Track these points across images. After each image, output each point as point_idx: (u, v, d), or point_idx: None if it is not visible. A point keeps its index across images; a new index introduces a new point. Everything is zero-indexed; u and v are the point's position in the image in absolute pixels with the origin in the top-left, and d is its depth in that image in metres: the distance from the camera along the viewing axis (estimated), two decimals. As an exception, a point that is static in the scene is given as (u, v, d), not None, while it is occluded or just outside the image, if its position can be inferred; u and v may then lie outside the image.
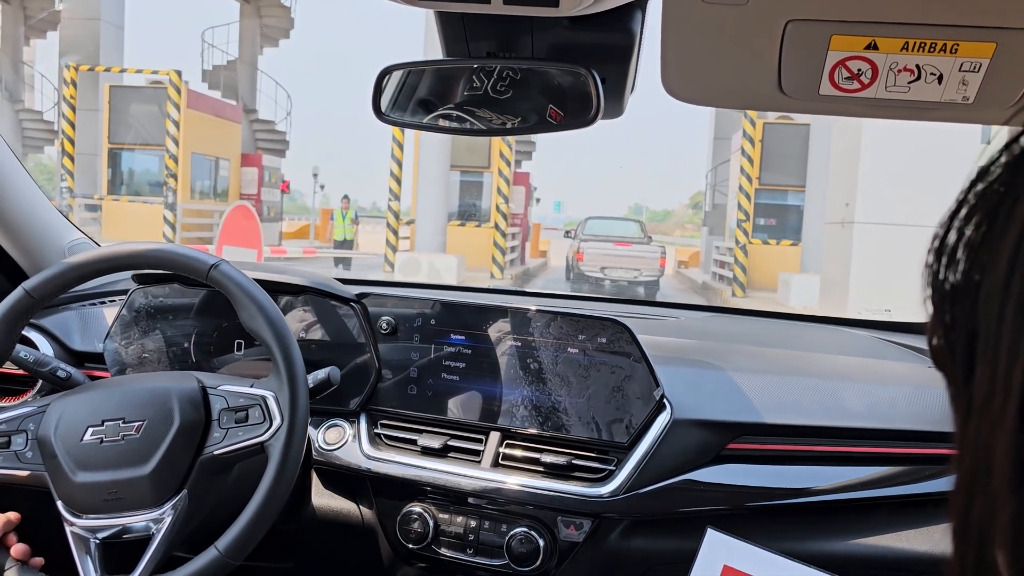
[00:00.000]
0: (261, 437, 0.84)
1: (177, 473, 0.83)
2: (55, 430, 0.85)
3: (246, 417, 0.85)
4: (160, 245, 0.91)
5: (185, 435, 0.84)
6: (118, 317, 1.13)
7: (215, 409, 0.86)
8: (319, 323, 1.11)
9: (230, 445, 0.85)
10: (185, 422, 0.84)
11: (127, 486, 0.82)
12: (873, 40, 0.56)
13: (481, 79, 0.78)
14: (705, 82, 0.65)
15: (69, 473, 0.82)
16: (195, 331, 1.13)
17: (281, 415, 0.84)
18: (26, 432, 0.87)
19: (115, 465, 0.82)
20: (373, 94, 0.80)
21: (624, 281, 11.61)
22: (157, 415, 0.84)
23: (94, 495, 0.82)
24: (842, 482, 0.94)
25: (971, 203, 0.25)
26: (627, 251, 11.93)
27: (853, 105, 0.62)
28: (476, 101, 0.78)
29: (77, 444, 0.83)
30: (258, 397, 0.86)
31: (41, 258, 1.20)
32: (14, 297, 0.89)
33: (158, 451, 0.82)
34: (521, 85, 0.78)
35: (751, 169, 10.47)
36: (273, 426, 0.84)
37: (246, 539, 0.81)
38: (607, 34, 0.71)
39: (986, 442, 0.22)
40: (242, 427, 0.85)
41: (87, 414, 0.85)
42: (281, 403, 0.85)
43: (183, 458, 0.84)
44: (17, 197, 1.14)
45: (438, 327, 1.06)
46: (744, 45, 0.58)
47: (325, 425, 1.08)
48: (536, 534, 0.97)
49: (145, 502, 0.82)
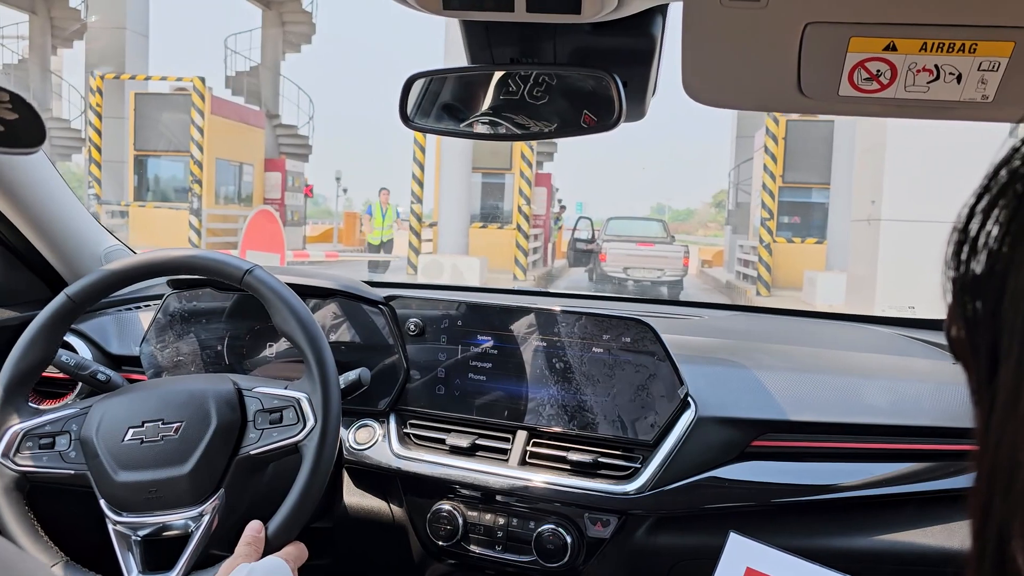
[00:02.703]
0: (295, 437, 0.86)
1: (214, 472, 0.86)
2: (97, 431, 0.88)
3: (280, 418, 0.88)
4: (196, 252, 0.94)
5: (222, 436, 0.87)
6: (153, 321, 1.16)
7: (250, 410, 0.89)
8: (348, 325, 1.14)
9: (265, 445, 0.87)
10: (222, 423, 0.87)
11: (167, 485, 0.85)
12: (892, 41, 0.57)
13: (517, 84, 0.80)
14: (725, 85, 0.66)
15: (111, 472, 0.85)
16: (228, 334, 1.17)
17: (315, 416, 0.87)
18: (69, 433, 0.90)
19: (155, 465, 0.85)
20: (400, 101, 0.82)
21: (647, 281, 11.55)
22: (195, 416, 0.87)
23: (135, 493, 0.85)
24: (866, 478, 0.95)
25: (993, 192, 0.24)
26: (650, 251, 11.87)
27: (872, 105, 0.63)
28: (504, 105, 0.80)
29: (118, 444, 0.86)
30: (292, 399, 0.88)
31: (79, 265, 1.23)
32: (57, 302, 0.93)
33: (196, 451, 0.85)
34: (547, 90, 0.79)
35: (775, 167, 10.36)
36: (307, 427, 0.86)
37: (282, 536, 0.83)
38: (628, 39, 0.72)
39: (1010, 440, 0.22)
40: (276, 428, 0.88)
41: (127, 415, 0.88)
42: (314, 404, 0.87)
43: (220, 458, 0.86)
44: (56, 206, 1.18)
45: (465, 328, 1.09)
46: (763, 48, 0.59)
47: (356, 425, 1.10)
48: (563, 531, 0.98)
49: (184, 500, 0.85)
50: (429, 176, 10.78)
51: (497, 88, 0.80)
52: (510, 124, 0.81)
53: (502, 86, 0.80)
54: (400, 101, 0.82)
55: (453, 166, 10.49)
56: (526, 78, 0.79)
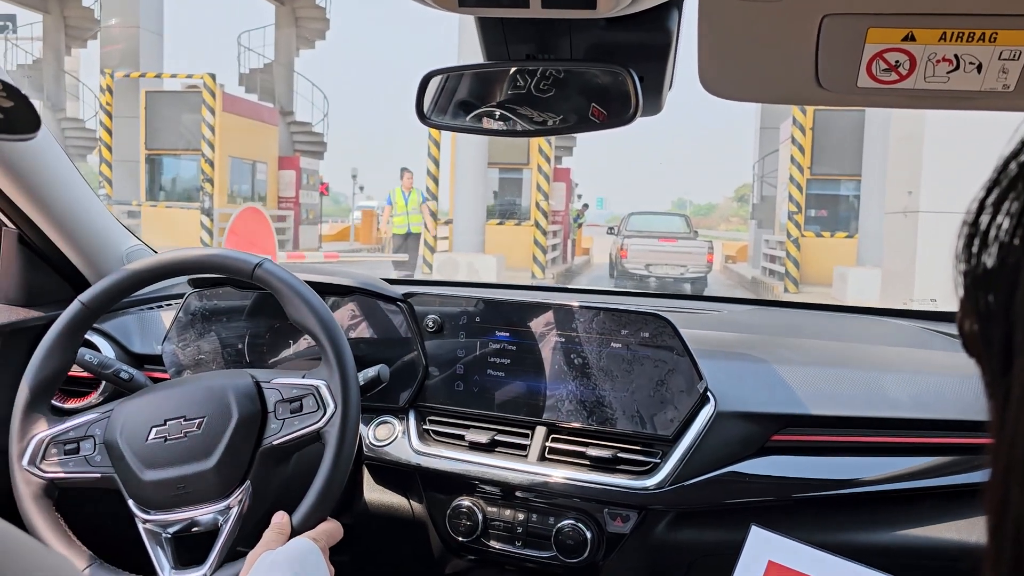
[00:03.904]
0: (317, 424, 0.89)
1: (240, 465, 0.89)
2: (120, 433, 0.91)
3: (300, 407, 0.91)
4: (204, 250, 0.97)
5: (244, 428, 0.90)
6: (175, 320, 1.20)
7: (270, 401, 0.92)
8: (367, 323, 1.17)
9: (288, 434, 0.90)
10: (243, 415, 0.90)
11: (194, 480, 0.88)
12: (910, 31, 0.58)
13: (524, 79, 0.81)
14: (742, 78, 0.67)
15: (138, 472, 0.88)
16: (248, 332, 1.20)
17: (334, 401, 0.89)
18: (93, 437, 0.93)
19: (181, 461, 0.88)
20: (417, 98, 0.84)
21: (670, 278, 11.49)
22: (216, 411, 0.90)
23: (163, 491, 0.88)
24: (888, 473, 0.96)
25: (1003, 185, 0.24)
26: (672, 247, 11.80)
27: (892, 97, 0.63)
28: (519, 101, 0.82)
29: (143, 444, 0.89)
30: (310, 387, 0.91)
31: (102, 265, 1.26)
32: (72, 310, 0.96)
33: (220, 445, 0.88)
34: (562, 85, 0.81)
35: (802, 158, 10.26)
36: (327, 413, 0.89)
37: (309, 524, 0.86)
38: (644, 33, 0.73)
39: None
40: (297, 416, 0.91)
41: (149, 415, 0.91)
42: (333, 390, 0.89)
43: (244, 450, 0.89)
44: (79, 207, 1.21)
45: (483, 324, 1.11)
46: (780, 40, 0.60)
47: (375, 422, 1.13)
48: (583, 526, 1.00)
49: (211, 494, 0.88)
50: (444, 173, 10.82)
51: (513, 84, 0.82)
52: (527, 120, 0.82)
53: (518, 82, 0.81)
54: (417, 98, 0.84)
55: (468, 162, 10.46)
56: (543, 74, 0.80)
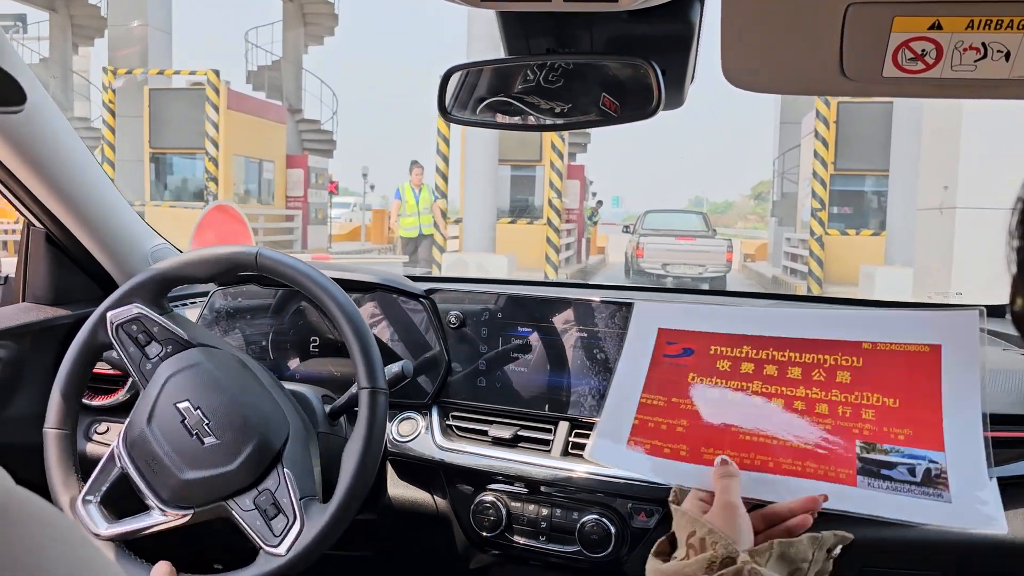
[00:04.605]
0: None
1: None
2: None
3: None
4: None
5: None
6: (200, 318, 1.24)
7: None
8: (390, 319, 1.20)
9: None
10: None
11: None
12: (937, 20, 0.58)
13: (545, 73, 0.83)
14: (766, 70, 0.68)
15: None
16: (272, 330, 1.24)
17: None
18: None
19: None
20: (438, 94, 0.86)
21: (688, 278, 11.45)
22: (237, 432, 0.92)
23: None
24: None
25: None
26: (690, 245, 11.75)
27: (918, 86, 0.64)
28: (546, 96, 0.83)
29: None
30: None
31: (128, 264, 1.30)
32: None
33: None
34: (582, 78, 0.82)
35: (826, 153, 10.15)
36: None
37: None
38: (666, 25, 0.74)
39: None
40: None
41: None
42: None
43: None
44: (105, 207, 1.24)
45: (505, 320, 1.14)
46: (804, 31, 0.61)
47: (399, 418, 1.16)
48: (607, 521, 1.02)
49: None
50: (455, 170, 10.80)
51: (534, 78, 0.83)
52: (548, 114, 0.84)
53: (539, 76, 0.83)
54: (439, 94, 0.86)
55: (478, 158, 10.38)
56: (564, 68, 0.82)
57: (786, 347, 0.82)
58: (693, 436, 0.81)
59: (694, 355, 0.86)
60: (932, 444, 0.71)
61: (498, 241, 10.69)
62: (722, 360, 0.84)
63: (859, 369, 0.78)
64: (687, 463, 0.79)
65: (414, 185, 9.09)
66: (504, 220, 11.64)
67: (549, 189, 10.76)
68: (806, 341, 0.82)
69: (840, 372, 0.79)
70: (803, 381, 0.80)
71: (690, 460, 0.79)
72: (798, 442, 0.76)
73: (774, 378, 0.81)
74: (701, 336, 0.87)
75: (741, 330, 0.85)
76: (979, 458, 0.70)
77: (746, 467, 0.77)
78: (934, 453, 0.71)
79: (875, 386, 0.77)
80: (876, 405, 0.75)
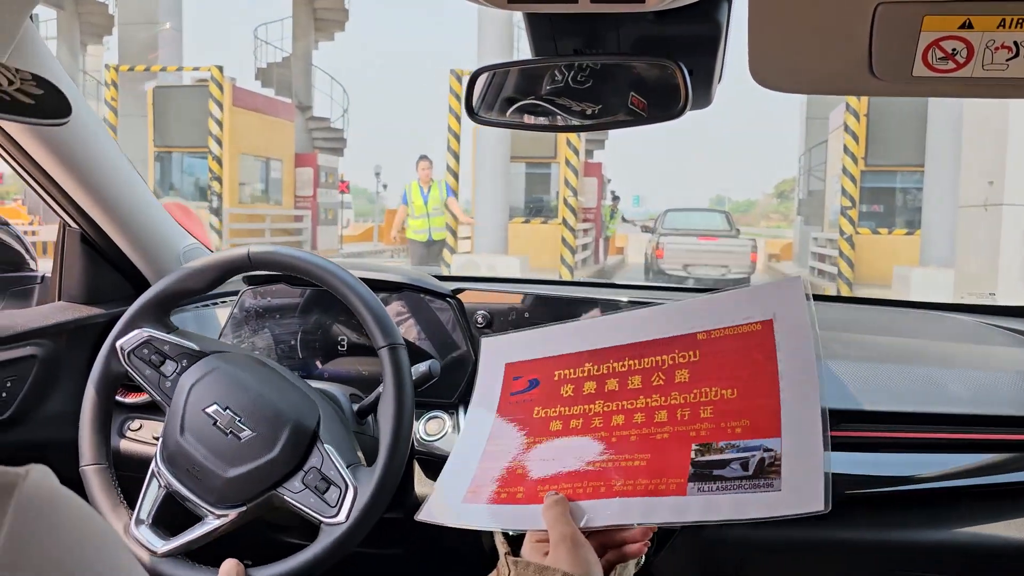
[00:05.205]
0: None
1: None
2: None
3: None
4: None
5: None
6: (230, 317, 1.29)
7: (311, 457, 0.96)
8: (417, 319, 1.24)
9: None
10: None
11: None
12: (968, 19, 0.59)
13: (572, 74, 0.84)
14: (794, 70, 0.69)
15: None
16: (301, 329, 1.28)
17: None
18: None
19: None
20: (465, 95, 0.88)
21: (710, 279, 11.18)
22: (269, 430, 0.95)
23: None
24: (946, 470, 0.98)
25: None
26: (713, 245, 11.51)
27: (949, 86, 0.65)
28: (573, 97, 0.84)
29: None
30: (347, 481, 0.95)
31: (160, 263, 1.33)
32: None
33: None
34: (610, 79, 0.84)
35: (856, 148, 9.84)
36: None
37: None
38: (693, 26, 0.75)
39: None
40: None
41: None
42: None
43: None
44: (138, 207, 1.28)
45: (532, 319, 1.19)
46: (833, 30, 0.62)
47: (426, 417, 1.17)
48: (634, 523, 1.04)
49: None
50: (467, 168, 10.57)
51: (561, 79, 0.85)
52: (575, 115, 0.85)
53: (566, 77, 0.84)
54: (466, 95, 0.88)
55: (489, 155, 10.21)
56: (591, 69, 0.83)
57: (625, 355, 0.82)
58: (531, 476, 0.79)
59: (539, 387, 0.85)
60: (769, 431, 0.70)
61: (510, 242, 10.53)
62: (566, 385, 0.83)
63: (696, 364, 0.77)
64: (524, 504, 0.77)
65: (422, 182, 8.20)
66: (517, 220, 11.44)
67: (565, 187, 10.49)
68: (644, 344, 0.81)
69: (679, 371, 0.78)
70: (643, 390, 0.79)
71: (527, 501, 0.76)
72: (632, 461, 0.74)
73: (616, 393, 0.80)
74: (546, 363, 0.86)
75: (582, 347, 0.85)
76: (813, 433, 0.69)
77: (579, 496, 0.74)
78: (770, 440, 0.69)
79: (713, 379, 0.76)
80: (714, 400, 0.74)
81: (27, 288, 1.33)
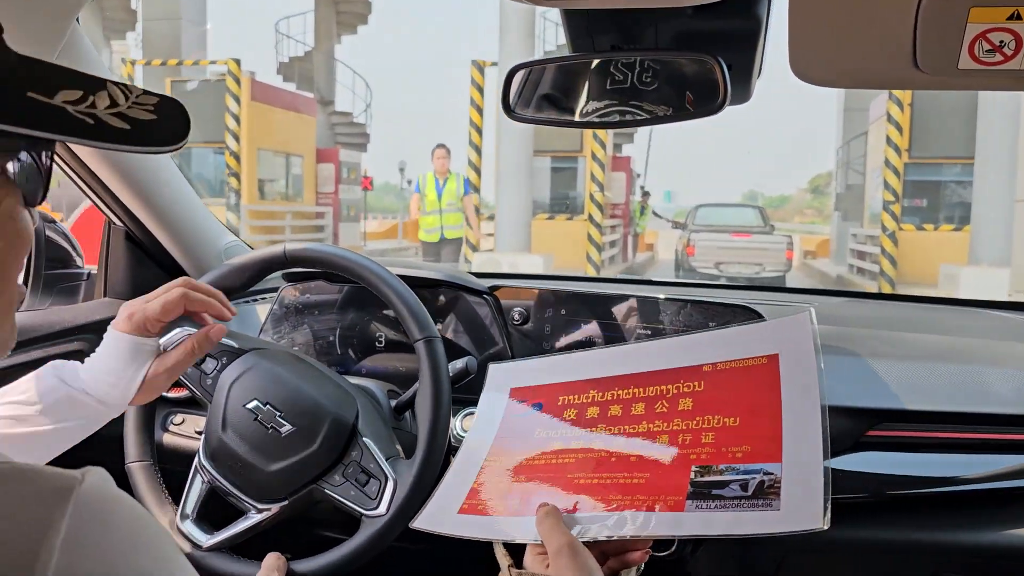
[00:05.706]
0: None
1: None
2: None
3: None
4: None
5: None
6: (270, 314, 1.35)
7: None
8: (455, 315, 1.27)
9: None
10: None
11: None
12: (1016, 10, 0.59)
13: (619, 71, 0.85)
14: (836, 64, 0.70)
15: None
16: (339, 325, 1.32)
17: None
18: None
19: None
20: (502, 92, 0.89)
21: (744, 277, 10.96)
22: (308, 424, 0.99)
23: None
24: (991, 471, 0.98)
25: None
26: (746, 242, 11.28)
27: (996, 79, 0.65)
28: (611, 94, 0.86)
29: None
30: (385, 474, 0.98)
31: (202, 261, 1.38)
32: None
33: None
34: (650, 76, 0.85)
35: (900, 139, 9.54)
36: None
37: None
38: (732, 20, 0.76)
39: None
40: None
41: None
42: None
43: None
44: (180, 204, 1.33)
45: (568, 316, 1.21)
46: (876, 23, 0.62)
47: (462, 413, 1.19)
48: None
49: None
50: (489, 163, 10.45)
51: (599, 75, 0.86)
52: (615, 112, 0.86)
53: (604, 73, 0.86)
54: (503, 92, 0.89)
55: (511, 149, 9.98)
56: (629, 65, 0.85)
57: (630, 384, 0.85)
58: (527, 488, 0.82)
59: (542, 409, 0.89)
60: (770, 457, 0.72)
61: (534, 239, 10.36)
62: (569, 410, 0.87)
63: (700, 393, 0.80)
64: (519, 516, 0.79)
65: (438, 173, 7.55)
66: (541, 216, 11.30)
67: (591, 182, 10.35)
68: (649, 374, 0.85)
69: (683, 400, 0.81)
70: (646, 416, 0.82)
71: (522, 513, 0.79)
72: (631, 479, 0.77)
73: (619, 418, 0.83)
74: (550, 389, 0.90)
75: (587, 375, 0.89)
76: (814, 459, 0.70)
77: (575, 510, 0.77)
78: (770, 465, 0.71)
79: (716, 408, 0.78)
80: (716, 427, 0.77)
81: (74, 285, 1.38)
